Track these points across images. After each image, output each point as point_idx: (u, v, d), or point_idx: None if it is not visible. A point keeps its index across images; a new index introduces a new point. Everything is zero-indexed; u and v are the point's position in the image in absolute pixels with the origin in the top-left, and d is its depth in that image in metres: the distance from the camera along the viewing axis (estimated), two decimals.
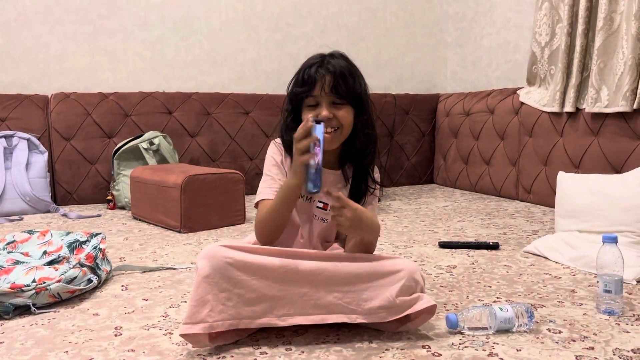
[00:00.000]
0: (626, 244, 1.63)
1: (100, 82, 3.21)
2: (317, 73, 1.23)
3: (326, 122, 1.22)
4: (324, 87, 1.23)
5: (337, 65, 1.24)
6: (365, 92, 1.30)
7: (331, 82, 1.23)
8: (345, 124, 1.26)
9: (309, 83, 1.24)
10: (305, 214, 1.34)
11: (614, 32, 2.43)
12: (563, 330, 1.22)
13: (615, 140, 2.45)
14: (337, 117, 1.24)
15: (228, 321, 1.12)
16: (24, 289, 1.35)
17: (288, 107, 1.30)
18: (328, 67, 1.24)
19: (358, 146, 1.31)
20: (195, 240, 2.18)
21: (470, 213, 2.70)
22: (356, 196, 1.32)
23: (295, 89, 1.27)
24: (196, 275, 1.13)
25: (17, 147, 2.83)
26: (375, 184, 1.35)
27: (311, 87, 1.24)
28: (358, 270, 1.18)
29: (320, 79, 1.23)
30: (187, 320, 1.10)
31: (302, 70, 1.26)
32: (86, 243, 1.67)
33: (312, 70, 1.24)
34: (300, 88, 1.25)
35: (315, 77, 1.23)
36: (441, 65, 3.99)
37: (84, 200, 3.06)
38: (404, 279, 1.17)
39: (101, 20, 3.18)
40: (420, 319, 1.20)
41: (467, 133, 3.46)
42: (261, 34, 3.50)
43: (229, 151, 3.33)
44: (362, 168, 1.33)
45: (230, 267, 1.12)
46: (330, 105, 1.24)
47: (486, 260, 1.83)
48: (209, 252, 1.13)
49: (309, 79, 1.24)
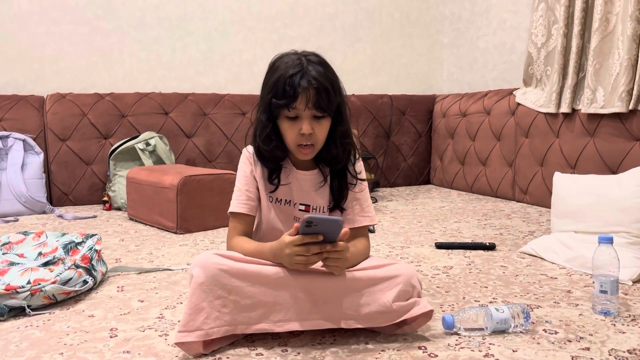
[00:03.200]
0: (622, 244, 1.63)
1: (96, 83, 3.21)
2: (299, 86, 1.17)
3: (305, 138, 1.21)
4: (307, 102, 1.18)
5: (319, 77, 1.19)
6: (344, 101, 1.27)
7: (314, 96, 1.18)
8: (322, 140, 1.25)
9: (291, 96, 1.18)
10: (287, 217, 1.33)
11: (610, 33, 2.43)
12: (559, 331, 1.22)
13: (611, 141, 2.45)
14: (315, 133, 1.22)
15: (224, 327, 1.11)
16: (19, 291, 1.34)
17: (265, 116, 1.25)
18: (310, 80, 1.18)
19: (334, 154, 1.29)
20: (191, 241, 2.18)
21: (466, 214, 2.70)
22: (338, 194, 1.31)
23: (276, 101, 1.20)
24: (191, 283, 1.12)
25: (13, 147, 2.82)
26: (355, 178, 1.33)
27: (293, 100, 1.18)
28: (354, 276, 1.18)
29: (302, 92, 1.17)
30: (182, 329, 1.09)
31: (283, 80, 1.19)
32: (82, 244, 1.67)
33: (295, 82, 1.17)
34: (280, 100, 1.19)
35: (298, 91, 1.17)
36: (437, 66, 4.00)
37: (80, 201, 3.05)
38: (401, 284, 1.17)
39: (97, 21, 3.17)
40: (417, 322, 1.20)
41: (464, 134, 3.47)
42: (257, 34, 3.50)
43: (225, 152, 3.32)
44: (339, 169, 1.32)
45: (225, 273, 1.11)
46: (311, 119, 1.21)
47: (482, 260, 1.83)
48: (202, 261, 1.13)
49: (290, 91, 1.18)
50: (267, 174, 1.30)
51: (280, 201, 1.32)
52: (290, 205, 1.32)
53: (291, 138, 1.23)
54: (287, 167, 1.31)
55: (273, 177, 1.30)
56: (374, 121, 3.68)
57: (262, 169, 1.31)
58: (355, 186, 1.33)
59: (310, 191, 1.32)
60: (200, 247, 2.09)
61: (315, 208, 1.32)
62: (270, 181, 1.30)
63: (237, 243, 1.27)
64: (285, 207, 1.32)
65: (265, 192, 1.31)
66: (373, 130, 3.68)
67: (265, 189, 1.31)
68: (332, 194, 1.32)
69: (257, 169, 1.31)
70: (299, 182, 1.32)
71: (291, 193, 1.31)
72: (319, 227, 1.07)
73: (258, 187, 1.31)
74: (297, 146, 1.24)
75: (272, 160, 1.29)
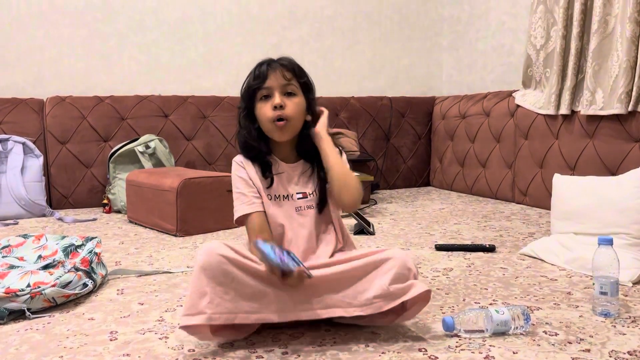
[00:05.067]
0: (622, 245, 1.63)
1: (96, 86, 3.21)
2: (269, 66, 1.31)
3: (278, 110, 1.29)
4: (277, 77, 1.30)
5: (287, 60, 1.34)
6: (313, 89, 1.38)
7: (283, 73, 1.31)
8: (295, 114, 1.31)
9: (260, 77, 1.31)
10: (288, 211, 1.35)
11: (609, 35, 2.44)
12: (559, 333, 1.22)
13: (610, 143, 2.46)
14: (288, 106, 1.30)
15: (225, 315, 1.12)
16: (19, 294, 1.34)
17: (241, 104, 1.37)
18: (280, 62, 1.33)
19: (310, 143, 1.36)
20: (191, 244, 2.17)
21: (466, 215, 2.70)
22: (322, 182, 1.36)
23: (249, 84, 1.34)
24: (195, 268, 1.14)
25: (12, 150, 2.82)
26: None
27: (263, 79, 1.30)
28: (351, 267, 1.20)
29: (272, 71, 1.31)
30: (186, 312, 1.11)
31: (254, 69, 1.34)
32: (81, 247, 1.67)
33: (264, 67, 1.32)
34: (252, 82, 1.32)
35: (267, 70, 1.31)
36: (437, 68, 4.00)
37: (80, 204, 3.05)
38: (396, 267, 1.18)
39: (96, 24, 3.18)
40: (416, 307, 1.21)
41: (463, 136, 3.47)
42: (257, 37, 3.51)
43: (225, 154, 3.32)
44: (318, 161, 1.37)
45: (228, 262, 1.13)
46: (283, 96, 1.30)
47: (482, 262, 1.83)
48: (208, 247, 1.15)
49: (260, 74, 1.31)
50: (259, 172, 1.35)
51: (279, 197, 1.35)
52: (289, 199, 1.35)
53: (264, 115, 1.31)
54: (275, 163, 1.37)
55: (265, 172, 1.34)
56: (374, 123, 3.68)
57: (254, 169, 1.35)
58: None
59: (301, 179, 1.37)
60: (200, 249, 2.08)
61: (311, 193, 1.36)
62: (263, 176, 1.34)
63: (250, 233, 1.33)
64: (285, 202, 1.35)
65: (263, 191, 1.34)
66: (372, 132, 3.68)
67: (262, 188, 1.34)
68: (319, 179, 1.37)
69: (250, 170, 1.35)
70: (289, 174, 1.37)
71: (286, 187, 1.36)
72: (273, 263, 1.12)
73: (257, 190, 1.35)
74: (272, 123, 1.30)
75: (250, 149, 1.35)
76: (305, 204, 1.36)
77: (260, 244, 1.12)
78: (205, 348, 1.16)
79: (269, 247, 1.12)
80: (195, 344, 1.18)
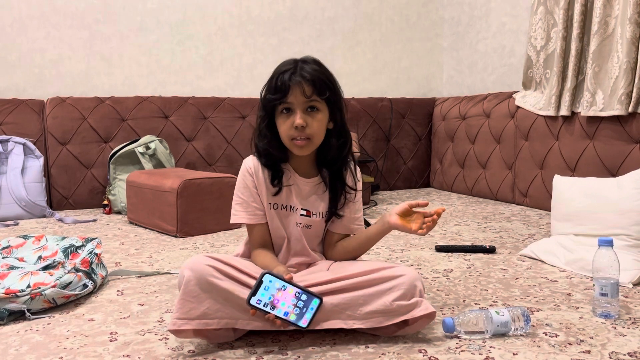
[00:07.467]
0: (622, 247, 1.63)
1: (96, 87, 3.21)
2: (290, 80, 1.21)
3: (299, 131, 1.22)
4: (298, 94, 1.21)
5: (311, 71, 1.22)
6: (339, 97, 1.28)
7: (305, 89, 1.21)
8: (317, 132, 1.25)
9: (282, 90, 1.21)
10: (289, 223, 1.34)
11: (609, 36, 2.44)
12: (559, 334, 1.22)
13: (610, 144, 2.46)
14: (310, 126, 1.23)
15: (224, 320, 1.13)
16: (19, 295, 1.34)
17: (262, 113, 1.28)
18: (302, 74, 1.21)
19: (332, 153, 1.31)
20: (191, 245, 2.17)
21: (466, 217, 2.70)
22: (334, 200, 1.33)
23: (269, 96, 1.24)
24: (183, 282, 1.13)
25: (13, 151, 2.82)
26: (349, 187, 1.35)
27: (285, 94, 1.21)
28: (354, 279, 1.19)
29: (294, 85, 1.21)
30: (182, 316, 1.10)
31: (275, 77, 1.23)
32: (81, 248, 1.67)
33: (286, 77, 1.21)
34: (273, 95, 1.23)
35: (289, 84, 1.20)
36: (437, 69, 4.00)
37: (80, 205, 3.05)
38: (403, 285, 1.17)
39: (97, 25, 3.18)
40: (419, 323, 1.20)
41: (464, 137, 3.47)
42: (257, 38, 3.51)
43: (225, 155, 3.32)
44: (337, 172, 1.33)
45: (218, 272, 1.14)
46: (305, 112, 1.23)
47: (483, 264, 1.83)
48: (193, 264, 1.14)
49: (282, 86, 1.21)
50: (269, 178, 1.31)
51: (284, 207, 1.33)
52: (292, 211, 1.33)
53: (285, 132, 1.25)
54: (288, 173, 1.32)
55: (275, 180, 1.31)
56: (374, 124, 3.68)
57: (264, 174, 1.31)
58: (354, 195, 1.36)
59: (311, 197, 1.34)
60: (200, 250, 2.09)
61: (315, 214, 1.33)
62: (272, 184, 1.31)
63: (255, 256, 1.32)
64: (287, 213, 1.33)
65: (267, 199, 1.32)
66: (373, 133, 3.68)
67: (267, 195, 1.31)
68: (331, 201, 1.33)
69: (259, 175, 1.32)
70: (299, 188, 1.33)
71: (292, 199, 1.33)
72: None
73: (261, 199, 1.32)
74: (290, 140, 1.25)
75: (268, 157, 1.30)
76: (305, 222, 1.33)
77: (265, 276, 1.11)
78: (205, 349, 1.16)
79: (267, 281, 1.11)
80: (195, 345, 1.18)
